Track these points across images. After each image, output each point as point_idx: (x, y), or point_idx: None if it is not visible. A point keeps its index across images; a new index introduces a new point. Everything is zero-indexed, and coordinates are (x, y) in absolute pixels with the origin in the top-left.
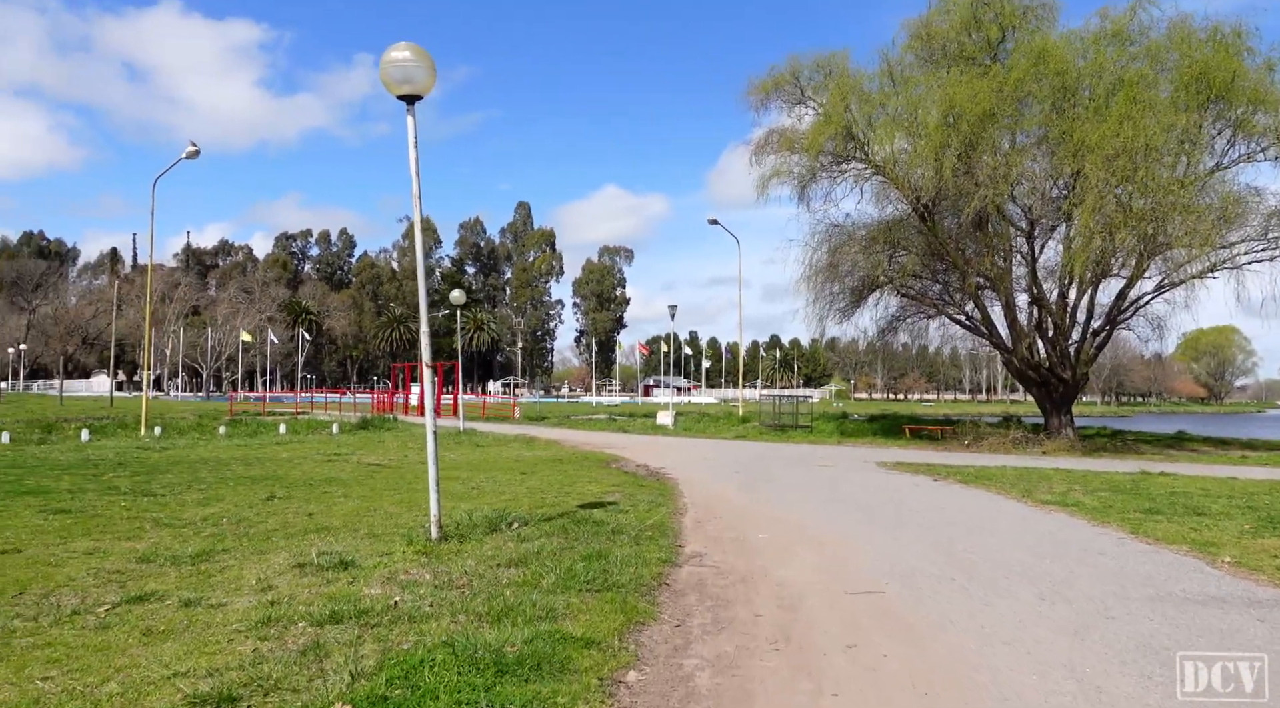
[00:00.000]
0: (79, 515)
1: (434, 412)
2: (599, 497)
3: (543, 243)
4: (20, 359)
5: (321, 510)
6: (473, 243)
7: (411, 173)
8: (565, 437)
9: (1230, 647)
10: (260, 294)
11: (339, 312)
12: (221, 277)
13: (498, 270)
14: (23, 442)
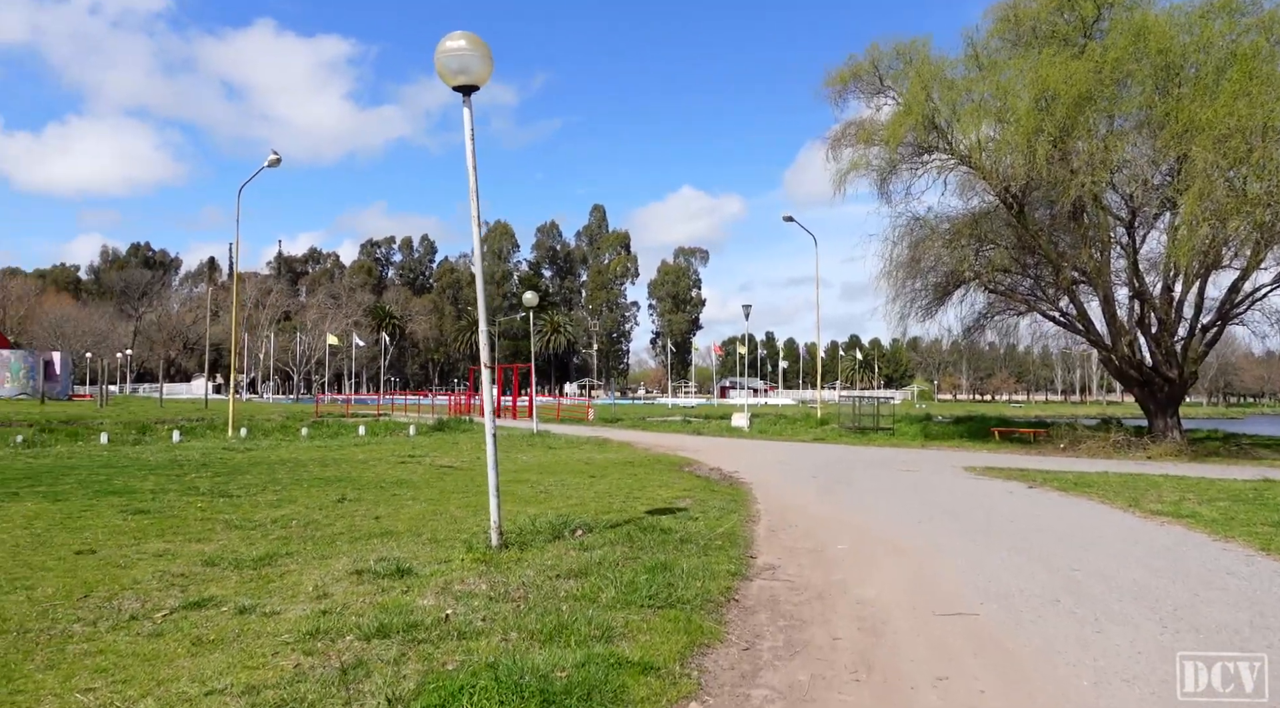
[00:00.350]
0: (156, 516)
1: (494, 414)
2: (668, 502)
3: (618, 245)
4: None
5: (389, 514)
6: (549, 246)
7: (468, 166)
8: (638, 439)
9: None
10: (347, 300)
11: (420, 316)
12: (311, 283)
13: (574, 273)
14: (119, 442)
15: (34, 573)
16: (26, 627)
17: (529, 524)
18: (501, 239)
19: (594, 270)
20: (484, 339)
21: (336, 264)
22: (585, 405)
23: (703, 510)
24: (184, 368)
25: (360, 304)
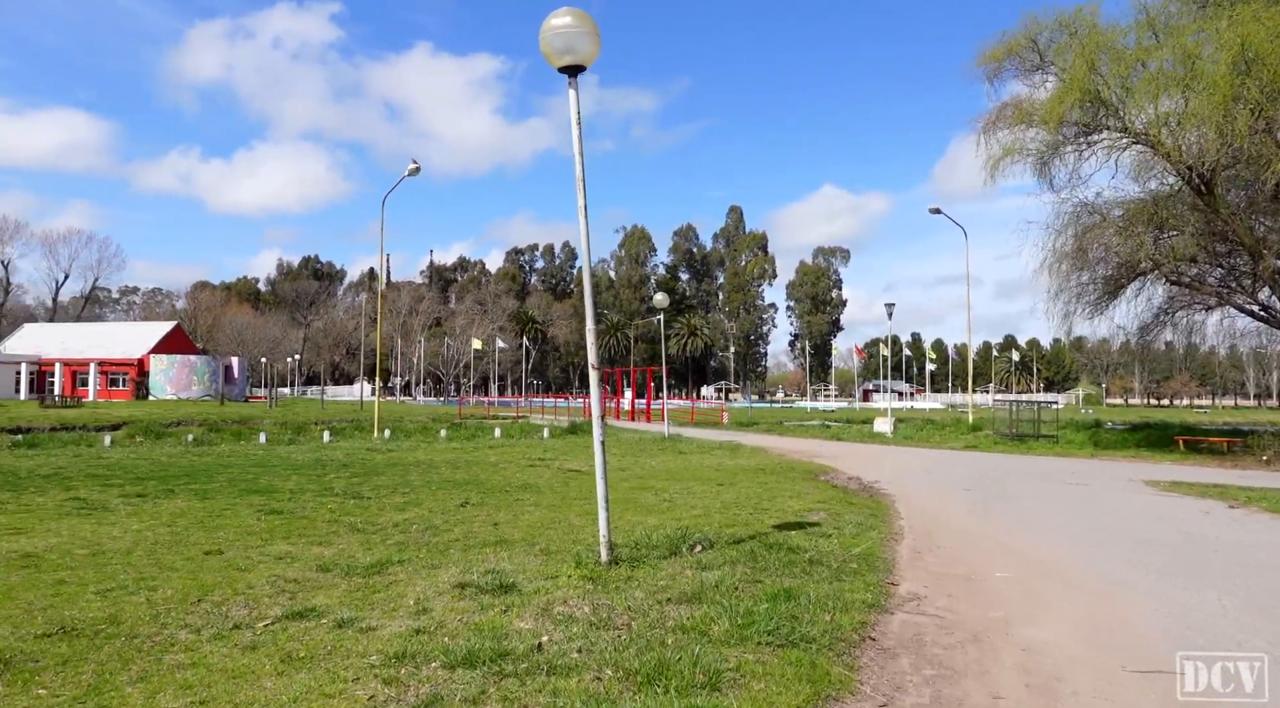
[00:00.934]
0: (288, 517)
1: (602, 418)
2: (800, 515)
3: (755, 246)
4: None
5: (508, 520)
6: (685, 249)
7: (574, 152)
8: (773, 444)
9: None
10: (492, 305)
11: (561, 320)
12: (459, 290)
13: (710, 276)
14: (276, 442)
15: (162, 573)
16: (136, 631)
17: (645, 537)
18: (639, 243)
19: (731, 272)
20: (591, 339)
21: (483, 271)
22: (720, 409)
23: (837, 526)
24: (347, 372)
25: (505, 309)
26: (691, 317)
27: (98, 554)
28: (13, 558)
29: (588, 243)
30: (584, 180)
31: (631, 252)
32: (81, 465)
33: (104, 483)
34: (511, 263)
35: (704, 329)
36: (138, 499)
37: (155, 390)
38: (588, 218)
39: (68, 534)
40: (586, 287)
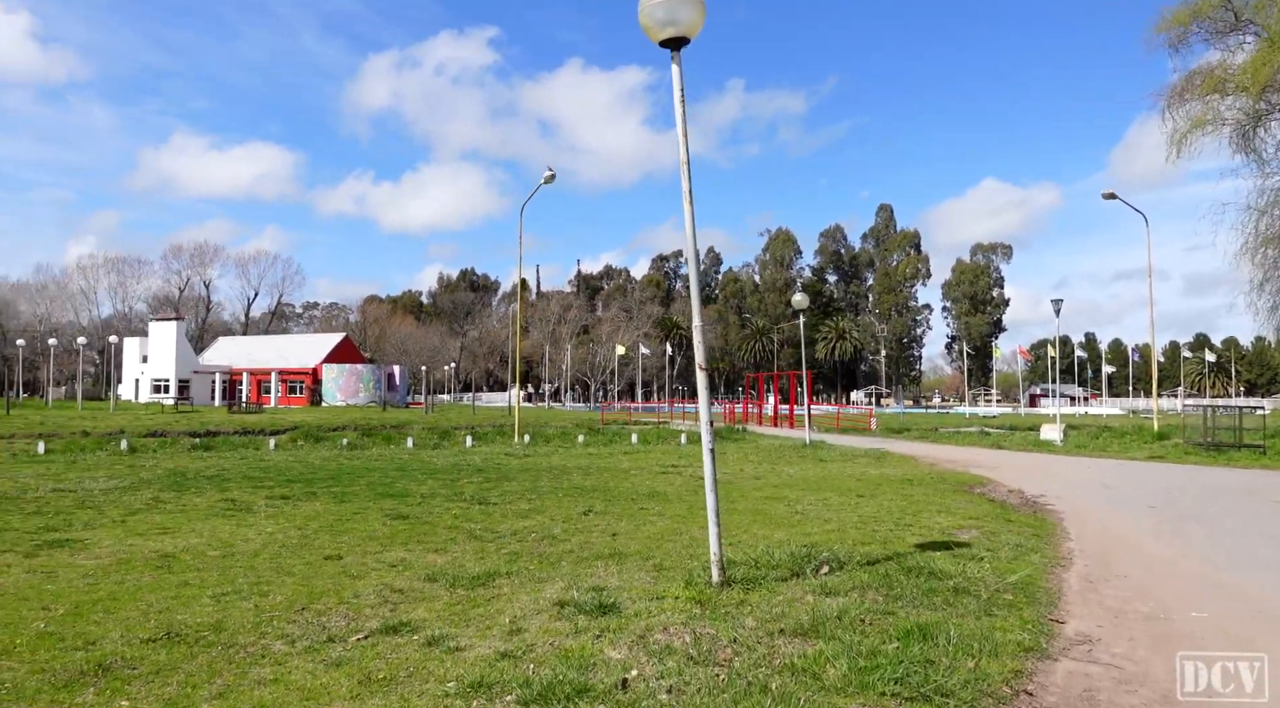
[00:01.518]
0: (413, 522)
1: (709, 423)
2: (947, 533)
3: (906, 245)
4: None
5: (628, 531)
6: (833, 251)
7: (679, 132)
8: (924, 452)
9: None
10: (638, 312)
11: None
12: (606, 298)
13: (859, 277)
14: (421, 446)
15: (278, 578)
16: (235, 640)
17: (766, 555)
18: (783, 246)
19: (881, 273)
20: (698, 337)
21: (628, 279)
22: (867, 414)
23: (991, 547)
24: (500, 378)
25: (650, 316)
26: (839, 319)
27: (227, 556)
28: (152, 558)
29: (693, 230)
30: (688, 164)
31: (776, 255)
32: (243, 468)
33: (256, 485)
34: (656, 270)
35: (853, 332)
36: (281, 501)
37: (326, 397)
38: (693, 204)
39: (207, 535)
40: (693, 280)
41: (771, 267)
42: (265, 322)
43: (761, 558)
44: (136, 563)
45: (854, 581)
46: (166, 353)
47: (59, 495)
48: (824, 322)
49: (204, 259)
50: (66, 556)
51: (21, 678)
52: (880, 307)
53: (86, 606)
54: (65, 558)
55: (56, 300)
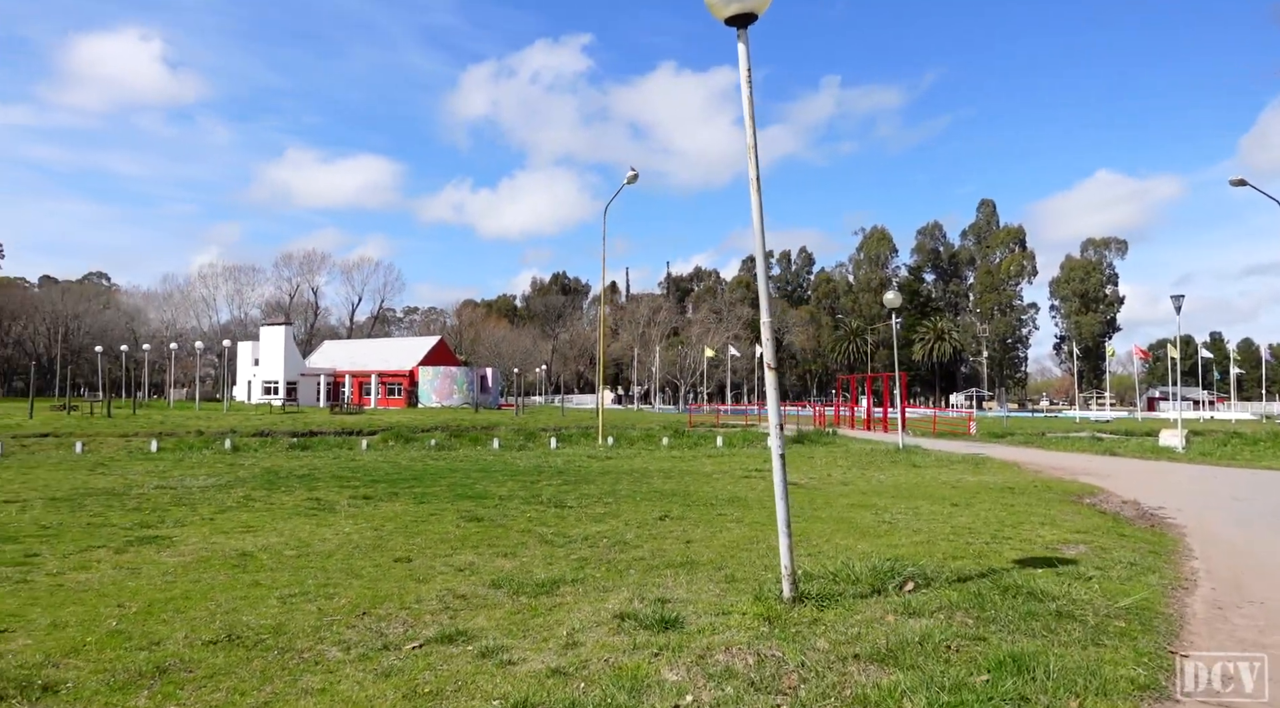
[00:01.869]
0: (486, 524)
1: (779, 427)
2: (1051, 548)
3: (1010, 242)
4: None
5: (703, 538)
6: (931, 249)
7: (744, 114)
8: (1029, 459)
9: None
10: (727, 314)
11: (798, 327)
12: (695, 300)
13: (959, 275)
14: (507, 448)
15: (346, 580)
16: (293, 645)
17: (845, 568)
18: (878, 245)
19: (982, 271)
20: (766, 333)
21: (718, 280)
22: (967, 418)
23: (1101, 566)
24: (590, 381)
25: (739, 317)
26: (938, 319)
27: (302, 556)
28: (231, 556)
29: (760, 218)
30: (755, 149)
31: (870, 253)
32: (333, 467)
33: (343, 485)
34: (746, 271)
35: (952, 333)
36: (363, 501)
37: (422, 398)
38: (760, 190)
39: (287, 535)
40: (760, 272)
41: (866, 266)
42: (368, 326)
43: (840, 571)
44: (215, 561)
45: (941, 599)
46: (276, 356)
47: (160, 492)
48: (921, 322)
49: (312, 267)
50: (153, 552)
51: (84, 678)
52: (981, 306)
53: (160, 604)
54: (151, 555)
55: (180, 307)
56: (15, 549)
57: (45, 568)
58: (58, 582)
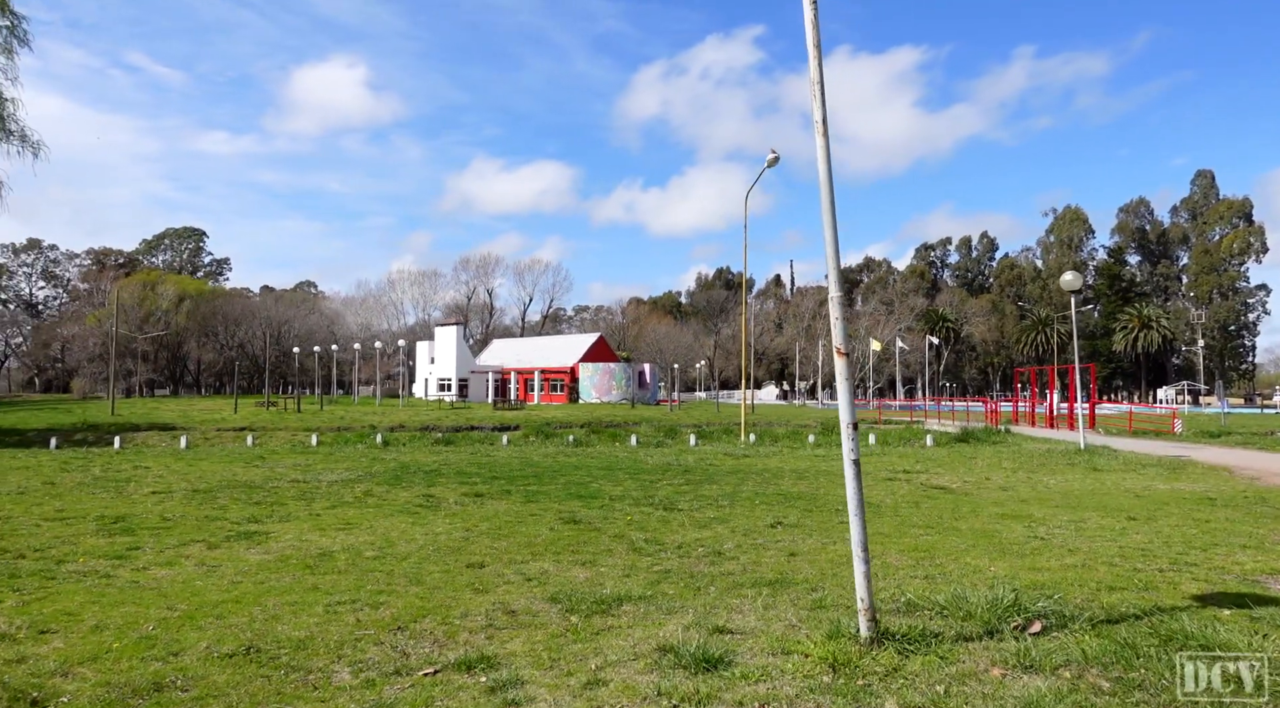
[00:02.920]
0: (582, 527)
1: (852, 425)
2: (1250, 580)
3: (1233, 216)
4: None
5: (811, 550)
6: (1135, 228)
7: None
8: (1245, 463)
9: None
10: (899, 305)
11: (978, 318)
12: (865, 291)
13: (1169, 256)
14: (644, 444)
15: (406, 587)
16: (306, 664)
17: (958, 599)
18: (1071, 226)
19: (1198, 250)
20: (835, 311)
21: (889, 271)
22: (1170, 415)
23: None
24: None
25: (912, 309)
26: (1143, 306)
27: (380, 557)
28: (311, 556)
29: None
30: (821, 84)
31: (1062, 236)
32: (464, 462)
33: (463, 481)
34: (920, 259)
35: (1161, 320)
36: (474, 498)
37: (583, 394)
38: (828, 136)
39: (379, 533)
40: (827, 236)
41: (1057, 250)
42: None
43: (951, 603)
44: (293, 561)
45: (1073, 649)
46: (448, 355)
47: (292, 486)
48: (1123, 309)
49: (487, 270)
50: (243, 549)
51: (80, 692)
52: (1197, 289)
53: (209, 607)
54: (240, 551)
55: (373, 311)
56: (125, 542)
57: (137, 563)
58: (135, 579)
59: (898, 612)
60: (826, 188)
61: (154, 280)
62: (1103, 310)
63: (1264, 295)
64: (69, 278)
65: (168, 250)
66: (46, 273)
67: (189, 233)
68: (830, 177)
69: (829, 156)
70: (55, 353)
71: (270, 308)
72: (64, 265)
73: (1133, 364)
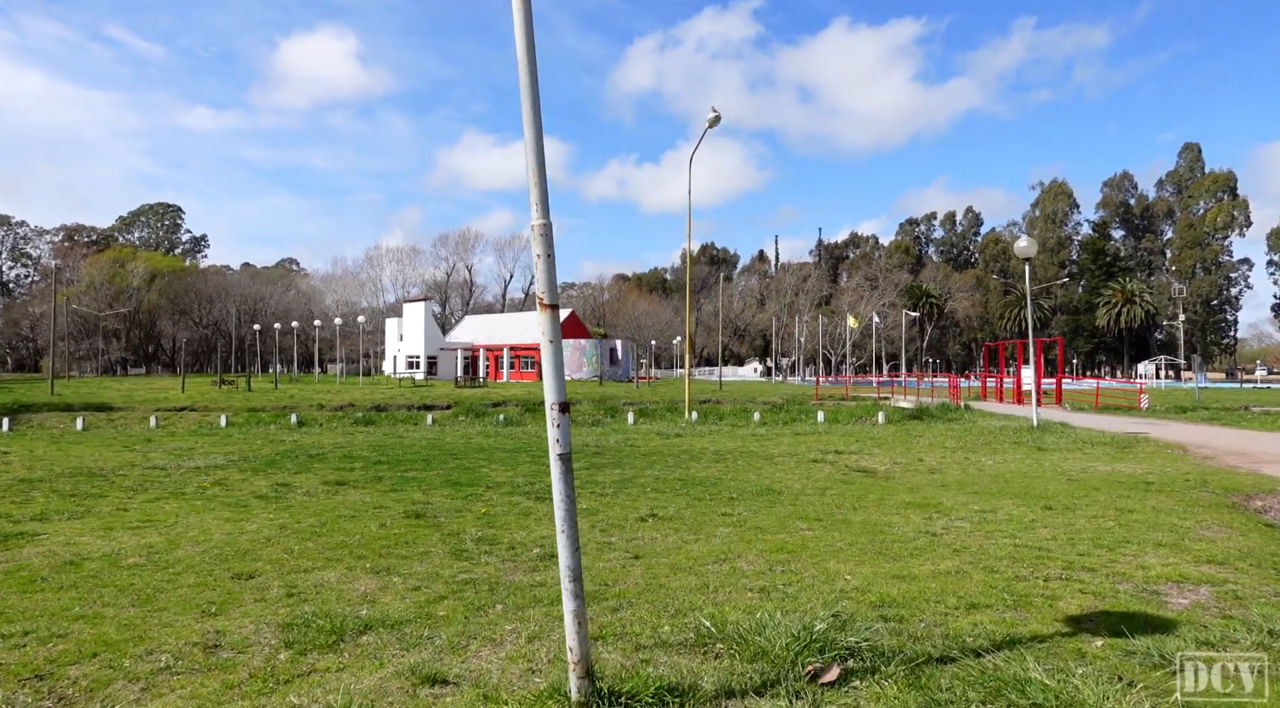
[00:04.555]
0: (422, 523)
1: (560, 408)
2: (1149, 591)
3: (1217, 190)
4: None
5: (663, 551)
6: (1119, 202)
7: None
8: (1204, 440)
9: None
10: (883, 280)
11: (961, 293)
12: (850, 267)
13: (1153, 231)
14: (581, 423)
15: (124, 609)
16: None
17: (753, 630)
18: (1056, 200)
19: (1182, 225)
20: (538, 246)
21: (876, 246)
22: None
23: (1219, 634)
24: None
25: (896, 284)
26: (1127, 280)
27: (140, 567)
28: (52, 565)
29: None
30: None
31: (1047, 210)
32: (365, 445)
33: (340, 466)
34: (905, 234)
35: (1144, 295)
36: (333, 486)
37: None
38: None
39: (175, 533)
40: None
41: (1042, 224)
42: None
43: (745, 635)
44: (22, 573)
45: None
46: (417, 331)
47: (142, 474)
48: (1106, 283)
49: (467, 246)
50: None
51: None
52: (1180, 264)
53: None
54: None
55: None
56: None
57: None
58: None
59: (676, 647)
60: (526, 66)
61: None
62: (1087, 285)
63: (1246, 270)
64: (40, 256)
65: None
66: (17, 251)
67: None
68: (531, 53)
69: (530, 27)
70: (26, 332)
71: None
72: (35, 243)
73: (1116, 339)
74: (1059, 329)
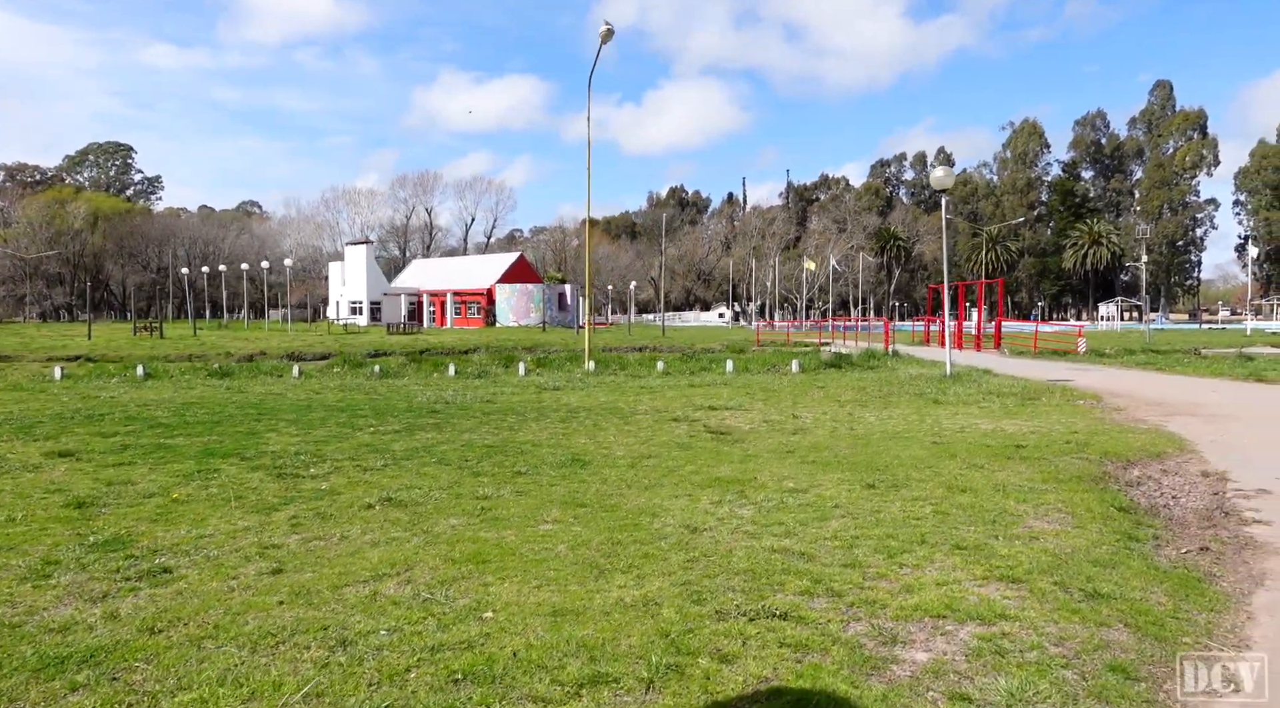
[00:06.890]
0: (81, 514)
1: None
2: (884, 635)
3: (1187, 128)
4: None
5: (333, 559)
6: (1090, 141)
7: None
8: (1126, 388)
9: None
10: (851, 223)
11: (930, 236)
12: (820, 210)
13: (1123, 171)
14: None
15: None
16: None
17: None
18: (1027, 140)
19: (1151, 164)
20: None
21: (846, 188)
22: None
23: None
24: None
25: (865, 227)
26: (1094, 222)
27: None
28: None
29: None
30: None
31: (1018, 151)
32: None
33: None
34: (876, 176)
35: (1111, 236)
36: (55, 458)
37: (500, 317)
38: None
39: None
40: None
41: (1012, 165)
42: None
43: None
44: None
45: None
46: (359, 276)
47: None
48: (1074, 225)
49: (426, 187)
50: None
51: None
52: (1148, 204)
53: None
54: None
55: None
56: None
57: None
58: None
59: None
60: None
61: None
62: (1055, 227)
63: (1213, 210)
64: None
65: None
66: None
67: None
68: None
69: None
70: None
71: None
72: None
73: (1082, 281)
74: (1026, 272)
